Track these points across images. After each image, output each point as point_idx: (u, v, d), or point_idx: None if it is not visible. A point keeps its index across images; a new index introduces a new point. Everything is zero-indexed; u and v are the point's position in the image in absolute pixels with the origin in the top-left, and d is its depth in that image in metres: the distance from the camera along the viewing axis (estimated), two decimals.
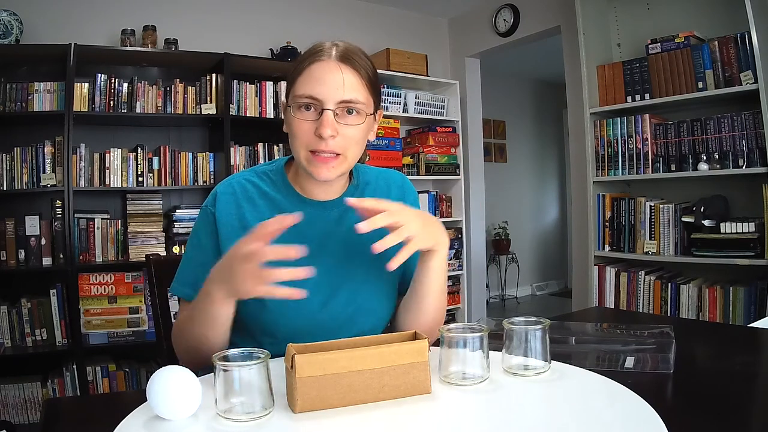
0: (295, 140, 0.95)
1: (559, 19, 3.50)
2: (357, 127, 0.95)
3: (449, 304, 3.87)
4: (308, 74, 0.94)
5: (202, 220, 1.02)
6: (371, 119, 1.00)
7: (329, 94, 0.92)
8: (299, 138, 0.94)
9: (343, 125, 0.94)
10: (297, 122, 0.94)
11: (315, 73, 0.94)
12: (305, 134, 0.94)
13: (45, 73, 2.71)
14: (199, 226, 1.02)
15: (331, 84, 0.92)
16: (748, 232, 2.37)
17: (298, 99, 0.94)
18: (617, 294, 2.83)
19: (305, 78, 0.94)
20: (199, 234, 1.01)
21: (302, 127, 0.94)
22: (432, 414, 0.71)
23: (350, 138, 0.95)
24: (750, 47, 2.35)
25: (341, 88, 0.93)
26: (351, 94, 0.93)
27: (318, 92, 0.92)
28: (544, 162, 6.21)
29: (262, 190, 1.02)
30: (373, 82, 0.99)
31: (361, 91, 0.95)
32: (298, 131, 0.94)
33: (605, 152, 2.89)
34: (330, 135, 0.91)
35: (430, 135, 3.80)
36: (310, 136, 0.93)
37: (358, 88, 0.95)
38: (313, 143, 0.93)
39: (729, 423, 0.72)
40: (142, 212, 2.88)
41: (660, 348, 0.93)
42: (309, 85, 0.93)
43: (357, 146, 0.97)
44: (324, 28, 3.69)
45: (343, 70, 0.93)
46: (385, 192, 1.10)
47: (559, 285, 6.19)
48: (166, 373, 0.69)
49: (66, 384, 2.63)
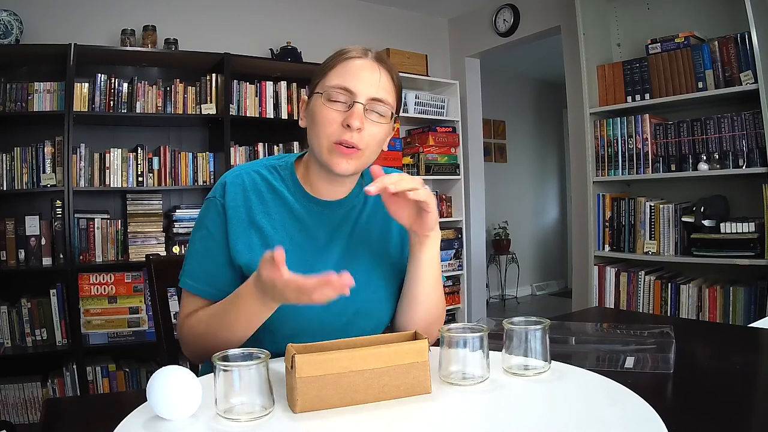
0: (319, 129, 0.95)
1: (559, 19, 3.50)
2: (381, 127, 0.97)
3: (449, 304, 3.87)
4: (343, 67, 0.96)
5: (210, 211, 0.99)
6: (392, 125, 1.01)
7: (363, 89, 0.94)
8: (325, 127, 0.94)
9: (369, 121, 0.95)
10: (325, 111, 0.94)
11: (351, 68, 0.96)
12: (332, 124, 0.94)
13: (45, 73, 2.71)
14: (207, 218, 0.99)
15: (366, 80, 0.94)
16: (748, 232, 2.37)
17: (330, 90, 0.94)
18: (617, 294, 2.83)
19: (340, 70, 0.96)
20: (208, 226, 0.99)
21: (330, 116, 0.94)
22: (432, 414, 0.71)
23: (373, 136, 0.96)
24: (750, 47, 2.35)
25: (376, 86, 0.95)
26: (383, 93, 0.96)
27: (353, 85, 0.94)
28: (544, 162, 6.21)
29: (272, 184, 1.01)
30: (399, 91, 1.02)
31: (391, 95, 0.98)
32: (324, 120, 0.94)
33: (605, 152, 2.89)
34: (357, 127, 0.92)
35: (430, 135, 3.80)
36: (337, 126, 0.93)
37: (390, 91, 0.97)
38: (338, 134, 0.93)
39: (729, 423, 0.72)
40: (142, 212, 2.88)
41: (660, 348, 0.93)
42: (344, 78, 0.95)
43: (376, 146, 0.98)
44: (324, 28, 3.69)
45: (380, 70, 0.96)
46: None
47: (559, 285, 6.19)
48: (166, 373, 0.69)
49: (66, 384, 2.63)
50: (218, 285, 0.97)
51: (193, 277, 0.98)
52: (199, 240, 1.00)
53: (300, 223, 1.01)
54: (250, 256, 0.96)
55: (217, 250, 0.97)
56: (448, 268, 3.88)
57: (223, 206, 0.98)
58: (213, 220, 0.99)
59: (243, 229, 0.97)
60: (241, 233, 0.97)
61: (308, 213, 1.01)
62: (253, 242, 0.97)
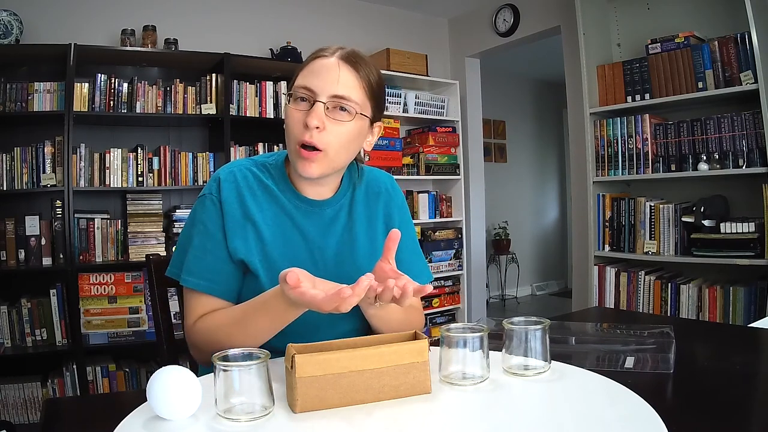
0: (287, 132, 0.97)
1: (559, 19, 3.50)
2: (345, 126, 0.95)
3: (449, 304, 3.88)
4: (308, 68, 0.97)
5: (206, 207, 0.99)
6: (364, 124, 0.99)
7: (323, 87, 0.93)
8: (290, 128, 0.96)
9: (331, 120, 0.94)
10: (291, 112, 0.96)
11: (314, 67, 0.96)
12: (296, 125, 0.95)
13: (45, 73, 2.71)
14: (203, 214, 0.99)
15: (326, 77, 0.94)
16: (748, 232, 2.37)
17: (296, 89, 0.96)
18: (617, 294, 2.83)
19: (305, 71, 0.97)
20: (205, 222, 0.98)
21: (294, 117, 0.95)
22: (432, 414, 0.71)
23: (336, 135, 0.94)
24: (750, 47, 2.35)
25: (335, 83, 0.94)
26: (344, 90, 0.94)
27: (313, 84, 0.94)
28: (544, 162, 6.21)
29: (263, 182, 1.02)
30: (374, 89, 0.99)
31: (357, 92, 0.96)
32: (289, 121, 0.96)
33: (605, 152, 2.89)
34: (315, 125, 0.92)
35: (430, 135, 3.80)
36: (300, 128, 0.94)
37: (354, 87, 0.95)
38: (300, 135, 0.94)
39: (729, 423, 0.72)
40: (142, 212, 2.88)
41: (660, 348, 0.93)
42: (306, 78, 0.95)
43: (343, 147, 0.96)
44: (324, 28, 3.69)
45: (340, 67, 0.95)
46: (375, 195, 1.10)
47: (559, 285, 6.19)
48: (166, 373, 0.69)
49: (66, 384, 2.63)
50: (221, 280, 0.97)
51: (196, 275, 0.97)
52: (196, 236, 0.99)
53: (291, 221, 1.01)
54: (247, 251, 0.96)
55: (217, 246, 0.97)
56: (448, 268, 3.88)
57: (219, 202, 0.98)
58: (210, 216, 0.98)
59: (238, 224, 0.98)
60: (237, 229, 0.97)
61: (298, 211, 1.02)
62: (249, 237, 0.97)
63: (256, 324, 0.89)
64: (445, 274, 3.85)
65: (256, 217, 0.98)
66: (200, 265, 0.97)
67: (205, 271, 0.96)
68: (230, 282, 0.97)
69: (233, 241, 0.96)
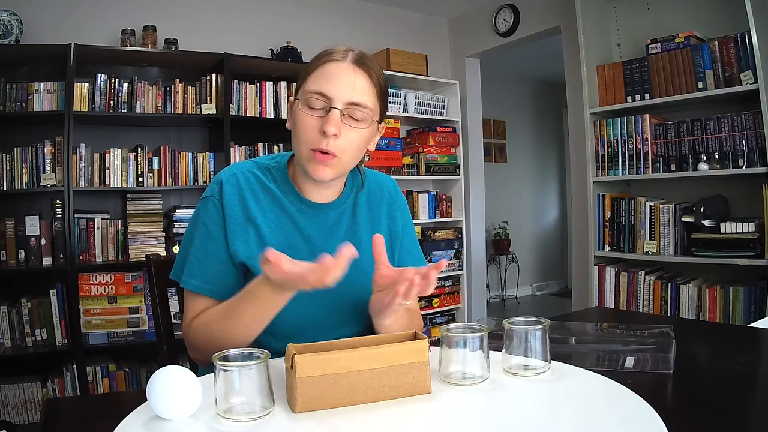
0: (298, 136, 0.95)
1: (559, 19, 3.50)
2: (360, 132, 0.95)
3: (449, 304, 3.88)
4: (321, 72, 0.95)
5: (208, 210, 0.99)
6: (374, 128, 1.00)
7: (340, 94, 0.93)
8: (303, 133, 0.94)
9: (347, 126, 0.94)
10: (303, 117, 0.94)
11: (328, 72, 0.94)
12: (310, 130, 0.94)
13: (45, 73, 2.71)
14: (206, 217, 0.99)
15: (343, 84, 0.93)
16: (748, 232, 2.37)
17: (308, 95, 0.94)
18: (617, 294, 2.83)
19: (318, 75, 0.95)
20: (207, 224, 0.98)
21: (308, 123, 0.94)
22: (432, 414, 0.71)
23: (351, 141, 0.95)
24: (750, 47, 2.35)
25: (352, 90, 0.93)
26: (360, 97, 0.94)
27: (329, 90, 0.93)
28: (544, 162, 6.21)
29: (265, 185, 1.02)
30: (383, 91, 0.99)
31: (371, 97, 0.96)
32: (303, 126, 0.94)
33: (605, 152, 2.89)
34: (333, 133, 0.92)
35: (430, 135, 3.80)
36: (315, 133, 0.93)
37: (368, 93, 0.95)
38: (315, 141, 0.93)
39: (729, 423, 0.72)
40: (142, 212, 2.88)
41: (660, 348, 0.93)
42: (321, 83, 0.94)
43: (355, 152, 0.97)
44: (324, 28, 3.69)
45: (356, 73, 0.94)
46: (378, 198, 1.11)
47: (559, 285, 6.19)
48: (166, 373, 0.69)
49: (66, 384, 2.63)
50: (222, 283, 0.96)
51: (196, 277, 0.97)
52: (198, 239, 0.99)
53: (294, 224, 1.01)
54: (248, 253, 0.96)
55: (218, 248, 0.97)
56: (448, 268, 3.88)
57: (221, 204, 0.98)
58: (212, 218, 0.98)
59: (240, 226, 0.97)
60: (239, 231, 0.97)
61: (301, 214, 1.02)
62: (251, 239, 0.97)
63: (243, 314, 0.88)
64: (445, 274, 3.86)
65: (258, 220, 0.98)
66: (201, 268, 0.97)
67: (206, 273, 0.96)
68: (231, 284, 0.96)
69: (235, 243, 0.96)
